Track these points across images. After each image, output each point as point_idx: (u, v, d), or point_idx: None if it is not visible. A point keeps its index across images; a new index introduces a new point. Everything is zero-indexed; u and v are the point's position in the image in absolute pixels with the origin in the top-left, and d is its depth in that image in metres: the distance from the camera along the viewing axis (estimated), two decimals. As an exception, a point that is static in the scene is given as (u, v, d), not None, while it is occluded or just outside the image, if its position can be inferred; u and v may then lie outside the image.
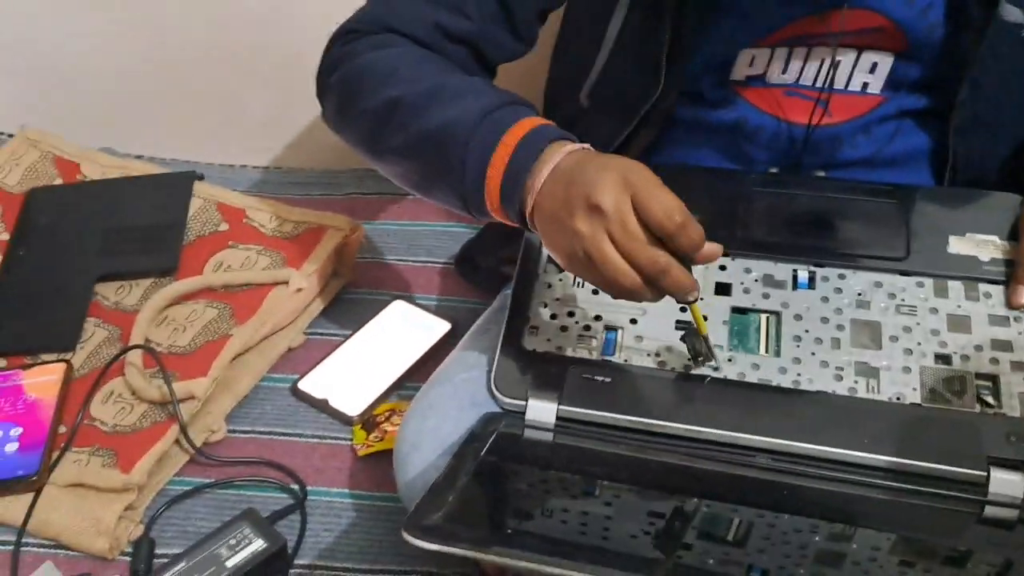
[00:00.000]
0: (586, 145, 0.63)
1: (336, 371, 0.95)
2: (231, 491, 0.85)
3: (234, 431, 0.90)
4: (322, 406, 0.92)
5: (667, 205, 0.57)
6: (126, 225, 1.04)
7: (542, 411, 0.67)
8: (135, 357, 0.90)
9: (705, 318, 0.68)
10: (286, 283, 0.97)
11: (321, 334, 1.00)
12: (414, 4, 0.75)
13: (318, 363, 0.96)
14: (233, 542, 0.76)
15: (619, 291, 0.59)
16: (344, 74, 0.75)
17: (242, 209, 1.05)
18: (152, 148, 1.21)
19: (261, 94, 1.21)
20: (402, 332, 0.98)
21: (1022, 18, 0.68)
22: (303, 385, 0.94)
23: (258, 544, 0.76)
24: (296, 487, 0.85)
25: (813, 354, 0.66)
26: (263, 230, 1.03)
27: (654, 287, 0.59)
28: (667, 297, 0.69)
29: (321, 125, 0.82)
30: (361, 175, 1.20)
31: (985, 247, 0.69)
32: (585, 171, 0.59)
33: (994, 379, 0.64)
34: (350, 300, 1.03)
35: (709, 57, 0.73)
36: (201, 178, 1.09)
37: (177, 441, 0.86)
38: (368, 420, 0.90)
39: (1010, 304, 0.67)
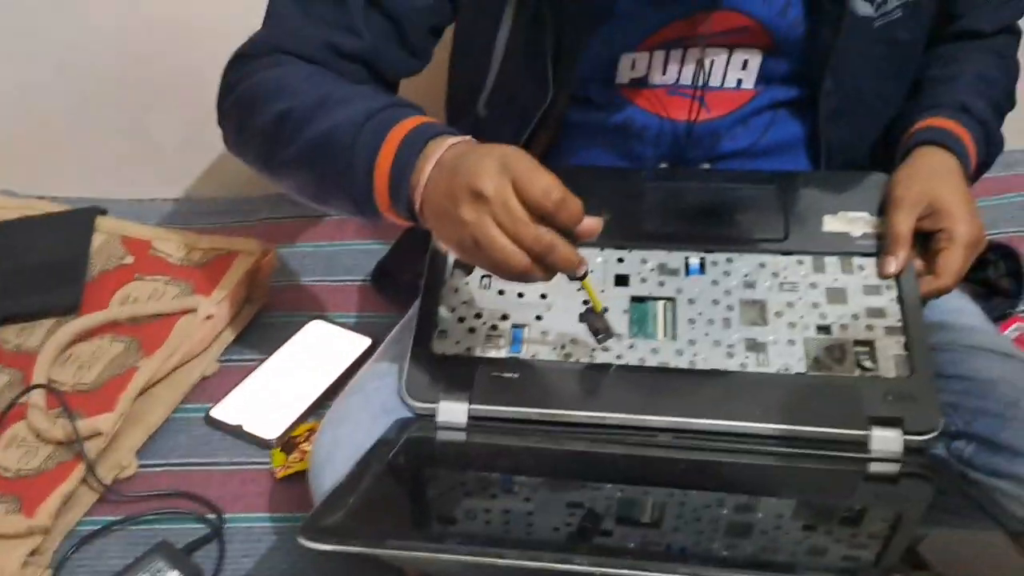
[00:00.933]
0: (467, 137, 0.65)
1: (252, 396, 0.94)
2: (144, 526, 0.83)
3: (147, 465, 0.88)
4: (237, 432, 0.91)
5: (544, 184, 0.58)
6: (25, 265, 1.02)
7: (453, 412, 0.68)
8: (38, 398, 0.88)
9: (603, 291, 0.70)
10: (195, 311, 0.96)
11: (237, 361, 0.99)
12: (305, 25, 0.76)
13: (233, 389, 0.95)
14: None
15: (510, 273, 0.60)
16: (237, 97, 0.76)
17: (148, 240, 1.04)
18: (56, 187, 1.19)
19: (168, 124, 1.20)
20: (320, 351, 0.98)
21: (872, 11, 0.73)
22: (216, 413, 0.93)
23: None
24: (213, 516, 0.84)
25: (707, 335, 0.69)
26: (170, 260, 1.02)
27: (542, 265, 0.60)
28: (571, 292, 0.72)
29: (228, 152, 0.82)
30: (275, 200, 1.20)
31: (856, 223, 0.74)
32: (466, 161, 0.60)
33: (871, 344, 0.68)
34: (266, 324, 1.03)
35: (593, 62, 0.76)
36: (104, 212, 1.08)
37: (85, 480, 0.84)
38: (287, 442, 0.90)
39: (881, 274, 0.71)
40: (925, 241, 0.72)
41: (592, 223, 0.61)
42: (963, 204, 0.71)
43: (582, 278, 0.63)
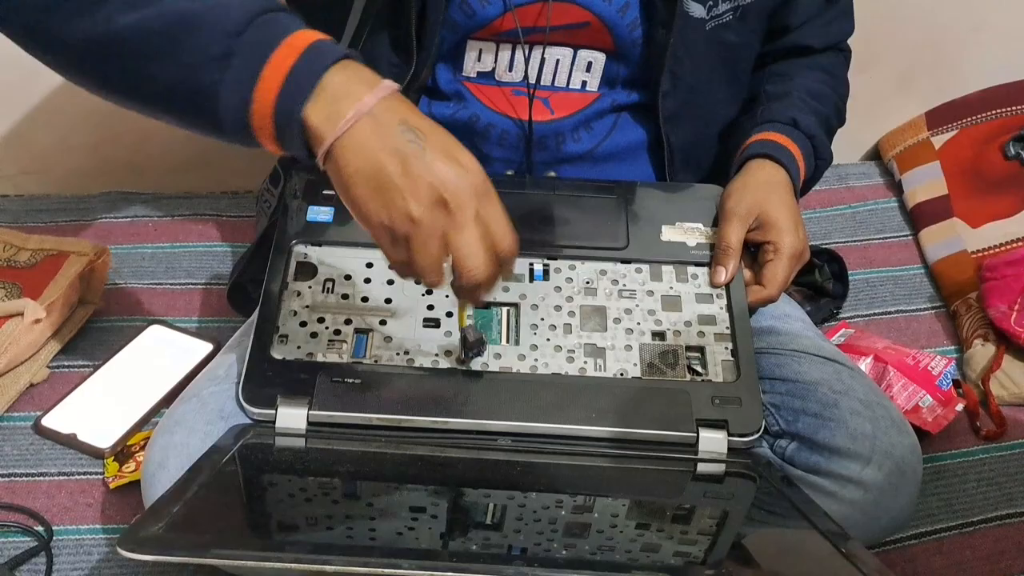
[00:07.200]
0: (396, 85, 0.58)
1: (85, 403, 0.90)
2: (-37, 541, 0.78)
3: (-34, 478, 0.83)
4: (70, 441, 0.87)
5: (512, 240, 0.58)
6: None
7: (292, 417, 0.66)
8: None
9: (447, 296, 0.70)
10: (21, 315, 0.90)
11: (68, 367, 0.94)
12: None
13: (64, 397, 0.90)
14: (-40, 595, 0.69)
15: (422, 277, 0.58)
16: None
17: (-32, 239, 0.97)
18: None
19: (-5, 115, 1.12)
20: (159, 357, 0.94)
21: (704, 13, 0.76)
22: (47, 421, 0.88)
23: (-9, 594, 0.70)
24: (40, 528, 0.79)
25: (548, 340, 0.71)
26: (-5, 260, 0.96)
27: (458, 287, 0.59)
28: (416, 298, 0.72)
29: (67, 147, 0.76)
30: (114, 199, 1.15)
31: (692, 234, 0.77)
32: (427, 151, 0.56)
33: (701, 350, 0.71)
34: (102, 329, 0.98)
35: (442, 44, 0.76)
36: (-81, 207, 1.00)
37: None
38: (122, 451, 0.86)
39: (712, 283, 0.74)
40: (754, 252, 0.76)
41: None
42: (789, 218, 0.75)
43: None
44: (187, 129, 0.61)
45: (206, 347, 0.95)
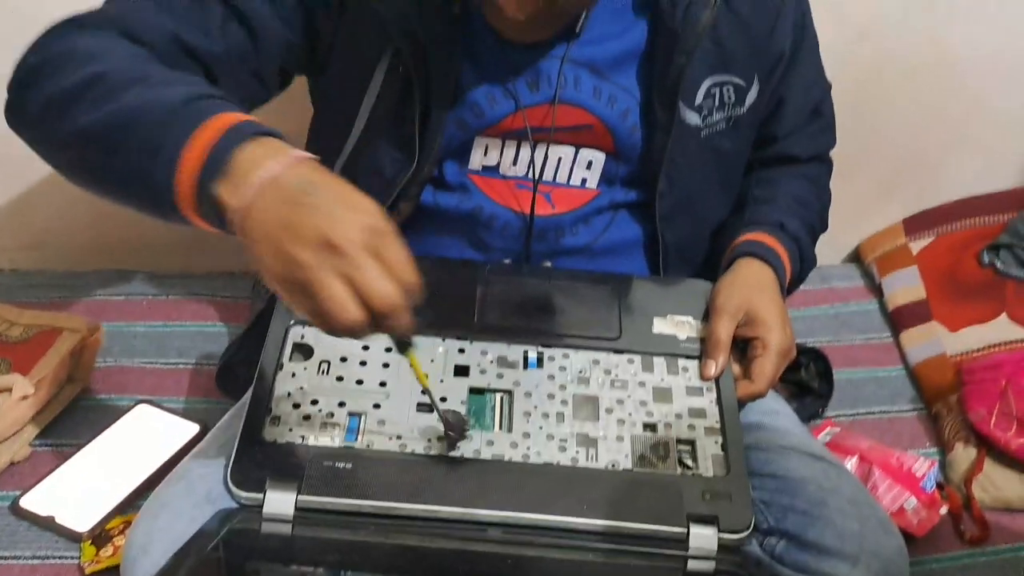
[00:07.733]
0: (310, 155, 0.59)
1: (66, 484, 0.88)
2: (-74, 626, 0.75)
3: (-63, 558, 0.80)
4: (47, 524, 0.85)
5: (412, 278, 0.56)
6: None
7: (280, 502, 0.65)
8: None
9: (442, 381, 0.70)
10: (9, 391, 0.90)
11: (52, 445, 0.93)
12: (156, 11, 0.71)
13: (45, 476, 0.88)
14: None
15: (337, 325, 0.56)
16: (49, 56, 0.68)
17: (-39, 314, 0.97)
18: None
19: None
20: (145, 438, 0.93)
21: (699, 121, 0.81)
22: (26, 502, 0.86)
23: None
24: (7, 614, 0.77)
25: (541, 428, 0.71)
26: (-14, 334, 0.96)
27: (377, 325, 0.57)
28: (411, 382, 0.72)
29: (62, 224, 0.77)
30: (108, 276, 1.15)
31: (682, 327, 0.78)
32: (321, 200, 0.56)
33: (692, 443, 0.71)
34: (88, 407, 0.97)
35: (449, 141, 0.79)
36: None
37: None
38: (100, 535, 0.84)
39: (702, 376, 0.75)
40: (743, 348, 0.78)
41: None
42: (777, 315, 0.77)
43: (405, 349, 0.62)
44: (145, 214, 0.64)
45: (192, 428, 0.94)
